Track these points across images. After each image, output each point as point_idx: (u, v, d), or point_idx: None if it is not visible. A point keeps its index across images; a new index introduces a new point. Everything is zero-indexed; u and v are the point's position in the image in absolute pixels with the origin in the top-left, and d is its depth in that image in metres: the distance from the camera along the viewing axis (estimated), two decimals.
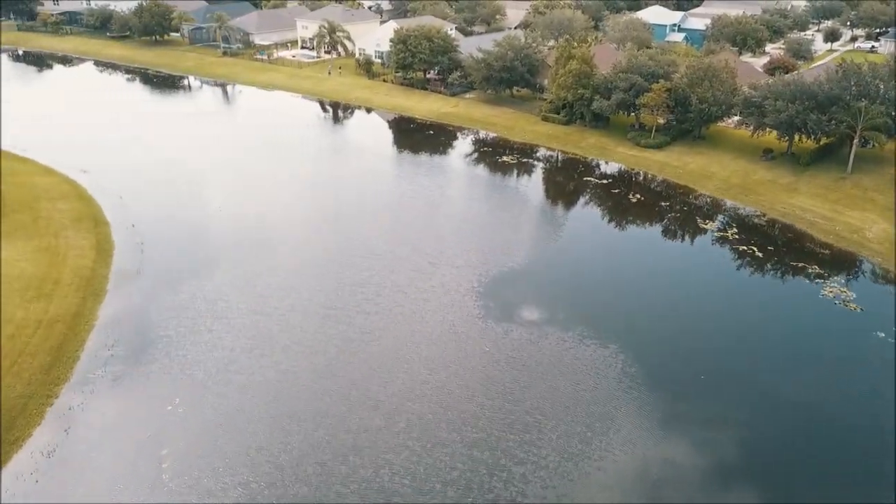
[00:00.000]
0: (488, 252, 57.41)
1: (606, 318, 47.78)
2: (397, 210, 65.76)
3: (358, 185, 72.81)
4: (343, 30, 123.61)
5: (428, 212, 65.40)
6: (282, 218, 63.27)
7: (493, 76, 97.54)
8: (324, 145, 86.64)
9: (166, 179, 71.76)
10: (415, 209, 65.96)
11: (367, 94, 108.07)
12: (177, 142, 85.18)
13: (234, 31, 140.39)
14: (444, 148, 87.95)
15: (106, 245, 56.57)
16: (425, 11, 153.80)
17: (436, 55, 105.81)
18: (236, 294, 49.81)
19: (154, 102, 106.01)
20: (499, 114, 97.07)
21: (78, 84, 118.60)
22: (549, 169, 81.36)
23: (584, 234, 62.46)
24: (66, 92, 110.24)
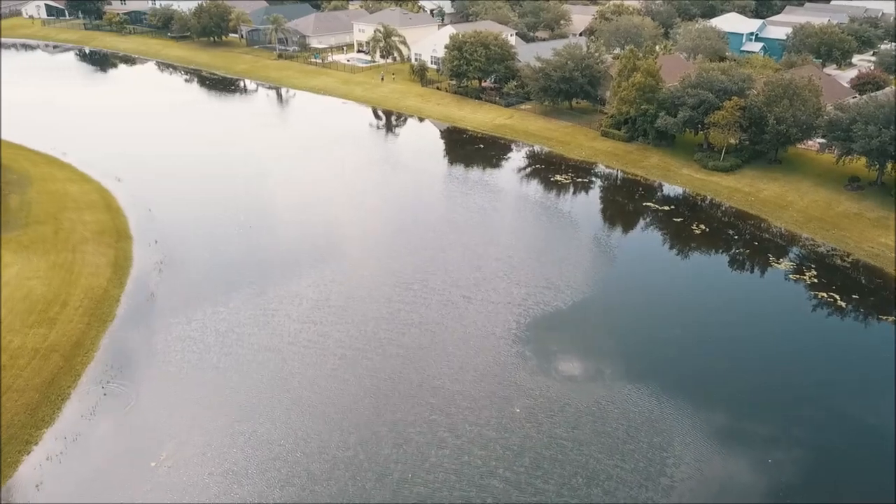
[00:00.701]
0: (532, 286, 51.89)
1: (662, 378, 41.66)
2: (435, 233, 60.82)
3: (397, 203, 68.24)
4: (398, 34, 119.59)
5: (469, 236, 60.22)
6: (312, 238, 59.17)
7: (551, 87, 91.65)
8: (367, 158, 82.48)
9: (200, 190, 68.84)
10: (454, 232, 60.88)
11: (419, 102, 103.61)
12: (216, 149, 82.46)
13: (291, 34, 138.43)
14: (493, 163, 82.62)
15: (124, 263, 53.55)
16: (487, 16, 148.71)
17: (492, 63, 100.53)
18: (250, 326, 45.80)
19: (202, 107, 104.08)
20: (555, 127, 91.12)
21: (131, 86, 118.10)
22: (606, 191, 75.03)
23: (640, 271, 56.08)
24: (118, 94, 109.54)
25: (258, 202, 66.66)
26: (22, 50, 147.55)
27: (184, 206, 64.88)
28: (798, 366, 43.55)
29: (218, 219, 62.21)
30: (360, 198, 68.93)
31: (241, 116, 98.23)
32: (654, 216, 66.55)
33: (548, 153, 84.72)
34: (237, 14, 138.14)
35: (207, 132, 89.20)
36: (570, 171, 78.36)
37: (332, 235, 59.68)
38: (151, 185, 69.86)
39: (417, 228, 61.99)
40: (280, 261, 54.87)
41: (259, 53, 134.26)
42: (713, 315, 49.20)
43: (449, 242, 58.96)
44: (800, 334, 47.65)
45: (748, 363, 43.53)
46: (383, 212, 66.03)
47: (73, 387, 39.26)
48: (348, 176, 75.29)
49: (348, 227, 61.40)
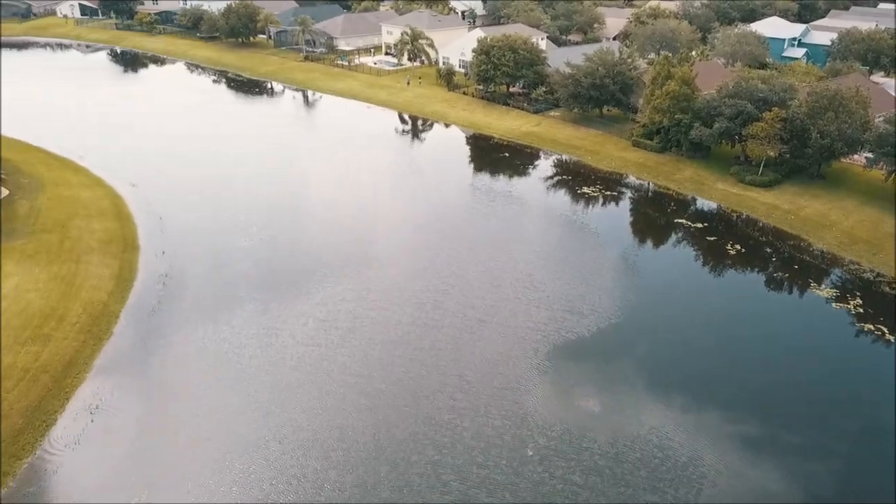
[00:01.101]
0: (554, 308, 48.74)
1: (689, 423, 38.26)
2: (453, 247, 57.93)
3: (414, 214, 65.52)
4: (426, 37, 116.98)
5: (489, 251, 57.21)
6: (324, 250, 56.72)
7: (581, 94, 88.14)
8: (386, 165, 79.94)
9: (214, 196, 66.93)
10: (474, 246, 57.92)
11: (444, 107, 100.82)
12: (234, 153, 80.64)
13: (318, 35, 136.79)
14: (518, 173, 79.44)
15: (128, 275, 51.66)
16: (518, 18, 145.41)
17: (520, 68, 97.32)
18: (252, 347, 43.43)
19: (225, 108, 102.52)
20: (584, 136, 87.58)
21: (156, 87, 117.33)
22: (636, 205, 71.40)
23: (669, 295, 52.44)
24: (142, 95, 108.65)
25: (272, 209, 64.50)
26: (57, 49, 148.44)
27: (196, 214, 62.96)
28: (852, 415, 39.72)
29: (230, 227, 60.12)
30: (375, 208, 66.37)
31: (261, 120, 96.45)
32: (685, 234, 62.80)
33: (576, 163, 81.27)
34: (265, 15, 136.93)
35: (227, 135, 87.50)
36: (599, 182, 74.85)
37: (345, 248, 57.13)
38: (165, 191, 68.19)
39: (434, 242, 59.19)
40: (289, 275, 52.52)
41: (286, 55, 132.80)
42: (749, 349, 45.43)
43: (467, 258, 56.03)
44: (848, 375, 43.54)
45: (792, 407, 39.85)
46: (399, 223, 63.40)
47: (60, 411, 37.25)
48: (365, 185, 72.77)
49: (362, 240, 58.79)
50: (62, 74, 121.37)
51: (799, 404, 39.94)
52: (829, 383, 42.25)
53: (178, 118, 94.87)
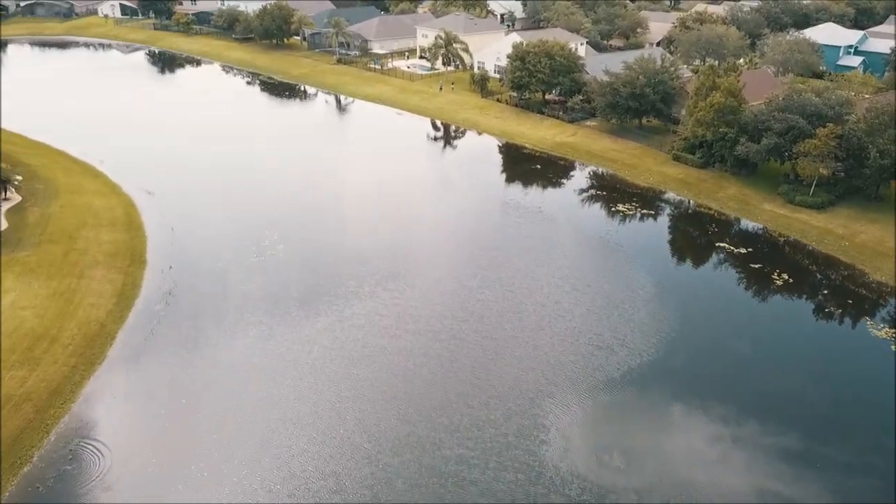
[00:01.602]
0: (581, 341, 44.86)
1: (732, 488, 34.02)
2: (474, 268, 54.24)
3: (435, 231, 62.05)
4: (461, 41, 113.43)
5: (513, 275, 53.38)
6: (336, 267, 53.57)
7: (619, 104, 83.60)
8: (411, 176, 76.67)
9: (230, 206, 64.50)
10: (497, 268, 54.14)
11: (476, 115, 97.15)
12: (256, 159, 78.28)
13: (352, 38, 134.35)
14: (550, 187, 75.42)
15: (131, 292, 49.26)
16: (559, 22, 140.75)
17: (556, 75, 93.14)
18: (250, 381, 40.44)
19: (250, 113, 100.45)
20: (622, 148, 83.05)
21: (187, 89, 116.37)
22: (674, 225, 66.87)
23: (708, 330, 47.92)
24: (172, 98, 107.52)
25: (290, 220, 61.78)
26: (99, 49, 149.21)
27: (211, 225, 60.52)
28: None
29: (244, 240, 57.47)
30: (396, 223, 62.96)
31: (288, 125, 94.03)
32: (727, 259, 58.07)
33: (611, 177, 76.85)
34: (299, 17, 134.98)
35: (252, 140, 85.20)
36: (635, 199, 70.36)
37: (361, 265, 53.91)
38: (182, 200, 66.07)
39: (456, 261, 55.63)
40: (299, 295, 49.56)
41: (319, 57, 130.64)
42: (798, 401, 40.79)
43: (490, 280, 52.31)
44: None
45: (859, 479, 35.30)
46: (420, 240, 59.95)
47: (38, 447, 34.69)
48: (387, 197, 69.51)
49: (379, 257, 55.49)
50: (98, 75, 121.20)
51: (864, 475, 35.32)
52: (879, 439, 37.44)
53: (204, 122, 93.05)
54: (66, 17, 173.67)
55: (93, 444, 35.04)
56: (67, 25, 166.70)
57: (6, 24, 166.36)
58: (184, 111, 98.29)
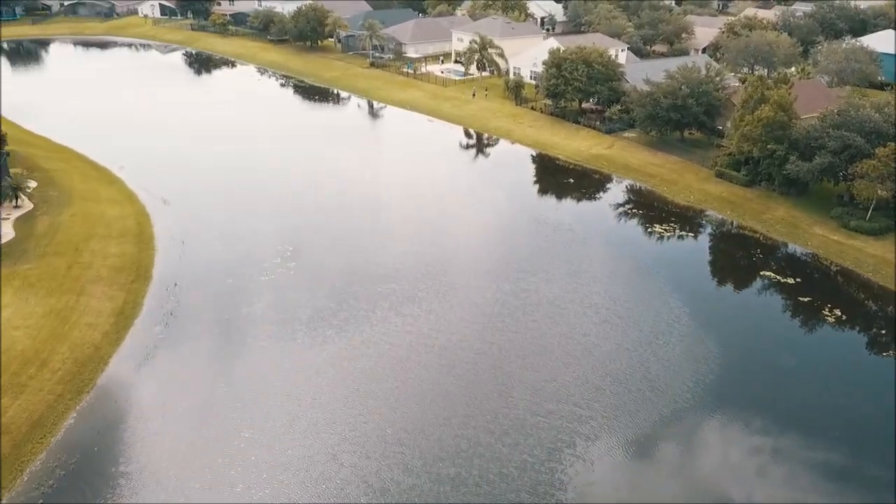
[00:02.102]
0: (607, 384, 40.82)
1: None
2: (497, 295, 50.53)
3: (459, 251, 58.45)
4: (496, 46, 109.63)
5: (538, 304, 49.56)
6: (350, 288, 50.40)
7: (660, 115, 78.91)
8: (437, 188, 73.20)
9: (248, 217, 61.88)
10: (521, 296, 50.35)
11: (509, 123, 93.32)
12: (278, 168, 75.84)
13: (387, 41, 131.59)
14: (582, 203, 71.36)
15: (131, 311, 46.84)
16: (600, 26, 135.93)
17: (594, 84, 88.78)
18: (242, 414, 37.47)
19: (276, 117, 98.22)
20: (661, 162, 78.38)
21: (218, 91, 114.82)
22: (715, 250, 62.22)
23: (750, 372, 43.41)
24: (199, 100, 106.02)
25: (308, 233, 59.06)
26: (139, 49, 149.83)
27: (223, 238, 57.95)
28: None
29: (257, 254, 54.79)
30: (416, 239, 59.58)
31: (313, 132, 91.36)
32: (772, 291, 53.29)
33: (649, 194, 72.31)
34: (333, 19, 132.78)
35: (274, 146, 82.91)
36: (674, 218, 65.84)
37: (373, 286, 50.66)
38: (198, 209, 63.89)
39: (478, 285, 51.88)
40: (306, 318, 46.60)
41: (352, 60, 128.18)
42: (867, 464, 36.29)
43: (513, 308, 48.56)
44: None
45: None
46: (441, 260, 56.22)
47: (8, 488, 32.15)
48: (409, 210, 66.28)
49: (396, 277, 52.15)
50: (135, 75, 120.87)
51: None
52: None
53: (227, 124, 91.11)
54: (107, 17, 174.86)
55: (66, 484, 32.40)
56: (108, 25, 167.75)
57: (50, 22, 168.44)
58: (209, 113, 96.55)
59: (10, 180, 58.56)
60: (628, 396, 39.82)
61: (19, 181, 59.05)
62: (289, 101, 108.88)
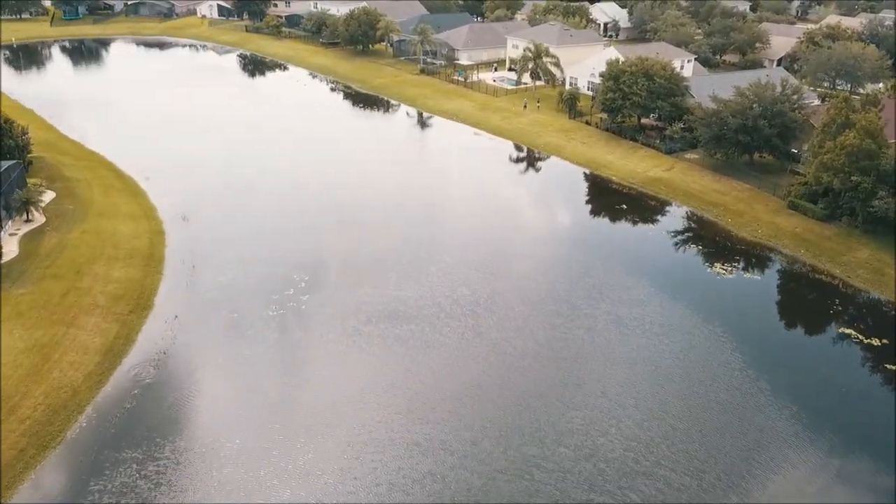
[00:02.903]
0: (650, 476, 34.44)
1: None
2: (522, 343, 44.54)
3: (486, 285, 52.42)
4: (552, 55, 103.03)
5: (570, 358, 43.42)
6: (360, 327, 45.25)
7: (727, 136, 71.21)
8: (473, 212, 67.33)
9: (267, 240, 57.49)
10: (546, 347, 44.26)
11: (560, 139, 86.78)
12: (309, 185, 71.54)
13: (439, 46, 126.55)
14: (633, 234, 64.44)
15: (121, 347, 42.78)
16: (667, 33, 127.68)
17: (654, 99, 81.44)
18: (226, 489, 32.63)
19: (315, 125, 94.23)
20: (726, 189, 70.69)
21: (261, 96, 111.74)
22: (784, 296, 54.59)
23: (833, 474, 36.23)
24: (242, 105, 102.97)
25: (325, 260, 54.23)
26: (199, 50, 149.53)
27: (238, 263, 53.64)
28: None
29: (268, 285, 50.21)
30: (443, 271, 53.90)
31: (349, 144, 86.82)
32: (853, 353, 45.57)
33: (710, 226, 64.86)
34: (385, 23, 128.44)
35: (309, 159, 78.90)
36: (738, 256, 58.47)
37: (388, 326, 45.40)
38: (218, 229, 59.95)
39: (503, 328, 45.94)
40: (305, 363, 41.68)
41: (402, 66, 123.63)
42: None
43: (542, 358, 42.52)
44: None
45: None
46: (467, 298, 50.38)
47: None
48: (439, 234, 60.72)
49: (415, 317, 46.74)
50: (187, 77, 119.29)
51: None
52: None
53: (265, 132, 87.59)
54: (167, 17, 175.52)
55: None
56: (165, 26, 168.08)
57: (110, 22, 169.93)
58: (249, 118, 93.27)
59: (21, 193, 55.59)
60: (669, 495, 33.31)
61: (30, 195, 56.07)
62: (330, 108, 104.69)
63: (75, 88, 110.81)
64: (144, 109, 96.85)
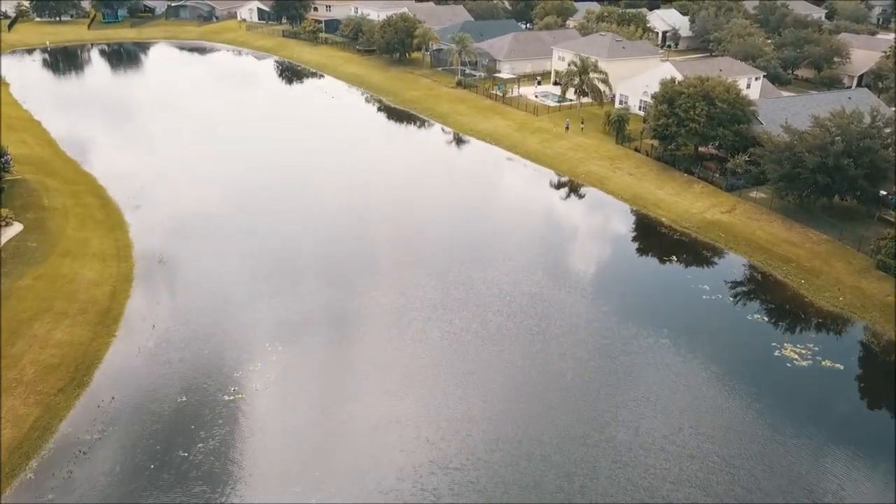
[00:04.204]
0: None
1: None
2: (540, 430, 34.89)
3: (500, 365, 42.98)
4: (600, 70, 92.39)
5: (594, 459, 33.66)
6: (347, 397, 36.44)
7: (802, 176, 59.88)
8: (489, 257, 57.74)
9: (252, 291, 49.22)
10: (566, 441, 34.56)
11: (605, 168, 76.38)
12: (310, 219, 63.27)
13: (480, 56, 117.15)
14: (682, 295, 53.45)
15: (34, 444, 34.88)
16: (731, 45, 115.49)
17: (715, 126, 70.33)
18: None
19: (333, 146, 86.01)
20: (799, 239, 59.41)
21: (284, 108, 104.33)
22: (874, 394, 43.38)
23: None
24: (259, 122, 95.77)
25: (313, 319, 45.52)
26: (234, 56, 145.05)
27: (207, 322, 45.64)
28: None
29: (233, 356, 41.90)
30: (446, 335, 44.69)
31: (362, 171, 78.17)
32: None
33: (779, 288, 53.79)
34: (423, 31, 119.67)
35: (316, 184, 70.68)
36: (814, 333, 47.52)
37: (380, 395, 36.44)
38: (197, 275, 52.06)
39: (517, 419, 36.45)
40: (255, 477, 33.00)
41: (439, 78, 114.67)
42: None
43: (564, 450, 32.90)
44: None
45: None
46: (466, 404, 41.17)
47: None
48: (449, 294, 51.31)
49: (400, 394, 37.70)
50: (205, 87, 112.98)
51: None
52: None
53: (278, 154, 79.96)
54: (206, 20, 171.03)
55: None
56: (203, 30, 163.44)
57: (147, 25, 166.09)
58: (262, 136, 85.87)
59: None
60: None
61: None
62: (353, 127, 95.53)
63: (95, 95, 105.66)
64: (160, 123, 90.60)
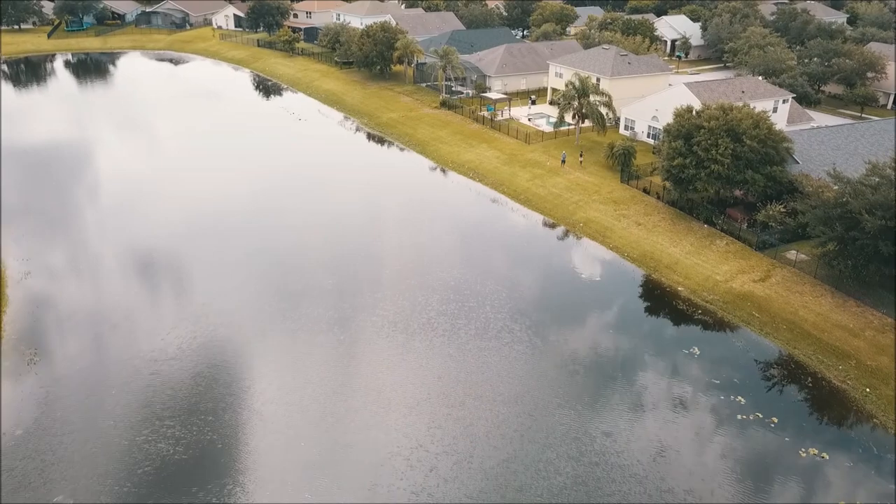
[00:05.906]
0: None
1: None
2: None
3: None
4: (602, 92, 79.56)
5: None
6: None
7: (858, 241, 47.06)
8: (452, 346, 45.15)
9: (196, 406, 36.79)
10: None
11: (607, 215, 63.63)
12: (246, 300, 50.76)
13: (469, 71, 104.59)
14: (697, 404, 40.57)
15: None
16: (751, 59, 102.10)
17: (742, 168, 57.58)
18: None
19: (290, 189, 73.46)
20: (856, 323, 46.62)
21: (237, 137, 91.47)
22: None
23: None
24: (207, 156, 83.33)
25: (251, 452, 33.04)
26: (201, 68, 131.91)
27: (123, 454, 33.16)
28: None
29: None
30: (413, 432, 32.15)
31: (308, 218, 65.73)
32: None
33: (836, 399, 41.03)
34: (404, 43, 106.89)
35: (245, 249, 58.11)
36: (888, 469, 34.72)
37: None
38: (55, 391, 39.48)
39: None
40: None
41: (422, 96, 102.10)
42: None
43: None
44: None
45: None
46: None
47: None
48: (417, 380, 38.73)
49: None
50: (152, 110, 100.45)
51: None
52: None
53: (215, 200, 67.49)
54: (180, 27, 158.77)
55: None
56: (172, 39, 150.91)
57: (113, 34, 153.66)
58: (202, 176, 73.48)
59: None
60: None
61: None
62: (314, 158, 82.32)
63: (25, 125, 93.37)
64: (91, 162, 78.28)
